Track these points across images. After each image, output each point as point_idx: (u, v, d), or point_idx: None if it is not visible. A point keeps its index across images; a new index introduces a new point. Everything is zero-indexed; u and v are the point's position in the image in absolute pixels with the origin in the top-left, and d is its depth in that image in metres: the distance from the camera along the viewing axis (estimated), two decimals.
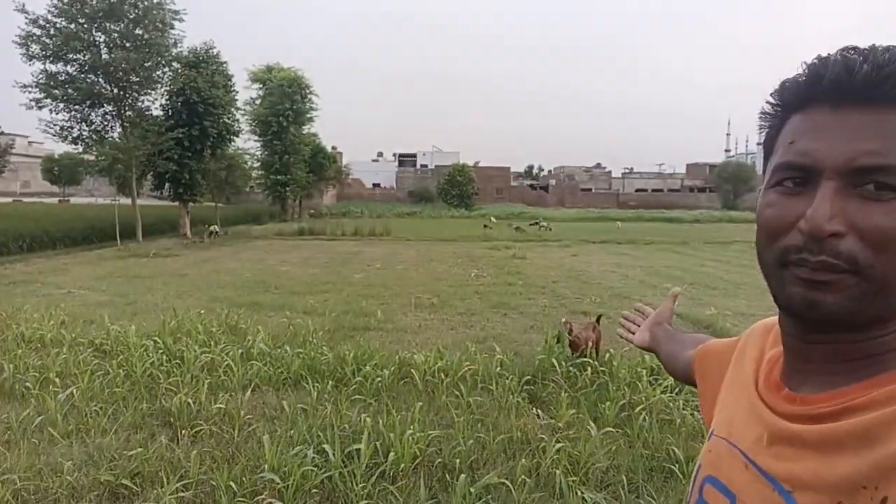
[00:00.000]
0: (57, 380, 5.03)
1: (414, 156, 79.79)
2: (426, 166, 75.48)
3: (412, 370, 5.40)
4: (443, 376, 5.22)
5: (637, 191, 73.90)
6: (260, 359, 5.65)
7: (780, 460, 0.67)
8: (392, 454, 3.65)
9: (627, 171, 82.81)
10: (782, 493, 0.65)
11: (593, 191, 72.73)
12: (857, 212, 0.60)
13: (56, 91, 20.21)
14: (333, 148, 55.98)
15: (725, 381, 0.85)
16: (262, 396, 4.99)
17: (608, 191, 73.17)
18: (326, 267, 15.21)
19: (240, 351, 5.77)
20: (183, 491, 3.30)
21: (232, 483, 3.31)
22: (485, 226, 31.24)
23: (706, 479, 0.77)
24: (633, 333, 1.35)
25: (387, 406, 4.58)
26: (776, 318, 0.75)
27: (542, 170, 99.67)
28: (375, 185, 72.73)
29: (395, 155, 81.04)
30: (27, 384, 5.00)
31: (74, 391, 4.71)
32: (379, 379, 5.14)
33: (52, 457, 3.82)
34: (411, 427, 3.96)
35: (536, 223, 32.95)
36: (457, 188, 58.02)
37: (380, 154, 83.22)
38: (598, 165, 79.80)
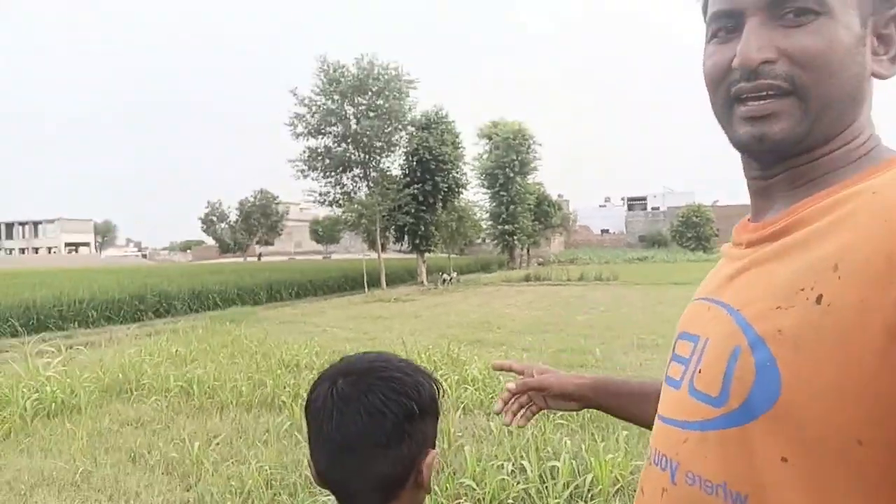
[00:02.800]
0: (304, 395, 5.82)
1: (644, 198, 77.28)
2: (657, 208, 72.52)
3: None
4: None
5: None
6: (473, 383, 5.93)
7: (738, 289, 0.68)
8: (590, 476, 3.59)
9: None
10: (732, 313, 0.66)
11: None
12: (783, 38, 0.64)
13: (316, 163, 23.71)
14: (559, 196, 56.71)
15: None
16: (472, 418, 5.24)
17: None
18: (549, 310, 15.34)
19: (456, 377, 6.12)
20: None
21: (436, 487, 3.54)
22: None
23: (678, 336, 0.79)
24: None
25: (591, 434, 4.51)
26: None
27: None
28: (604, 231, 71.71)
29: (623, 199, 79.29)
30: (283, 398, 5.86)
31: None
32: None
33: (296, 455, 4.44)
34: (615, 454, 3.86)
35: None
36: (693, 230, 54.30)
37: (607, 199, 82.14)
38: None
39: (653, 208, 73.84)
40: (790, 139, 0.66)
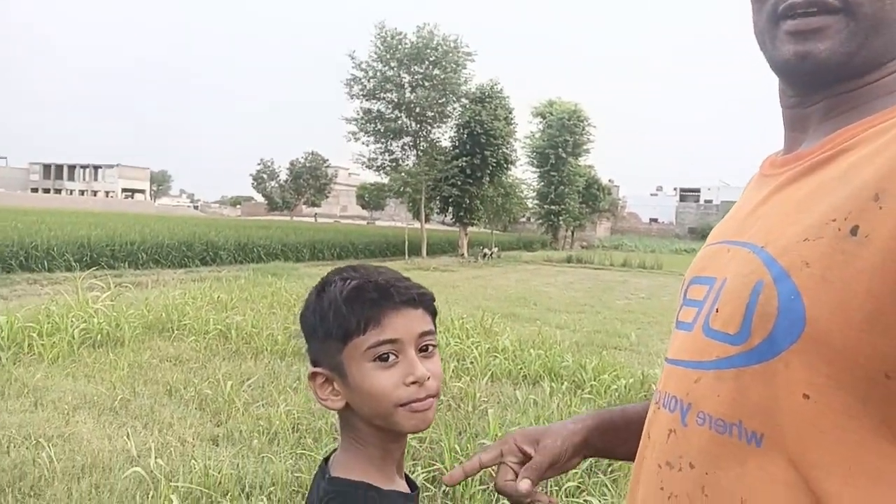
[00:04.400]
0: None
1: (697, 190, 75.34)
2: (710, 202, 70.62)
3: (653, 384, 5.16)
4: None
5: None
6: (503, 354, 5.94)
7: (761, 226, 0.65)
8: None
9: None
10: (755, 250, 0.63)
11: None
12: None
13: (369, 126, 23.79)
14: (610, 181, 55.69)
15: None
16: (500, 386, 5.25)
17: None
18: (588, 292, 15.19)
19: (486, 346, 6.14)
20: (416, 444, 3.67)
21: (457, 446, 3.57)
22: None
23: (689, 283, 0.75)
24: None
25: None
26: None
27: None
28: (652, 220, 70.28)
29: (675, 189, 77.43)
30: None
31: None
32: (615, 387, 5.04)
33: None
34: None
35: None
36: None
37: (659, 188, 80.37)
38: None
39: (706, 201, 71.95)
40: (835, 59, 0.62)
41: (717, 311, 0.66)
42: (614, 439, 0.91)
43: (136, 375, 5.16)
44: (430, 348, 0.82)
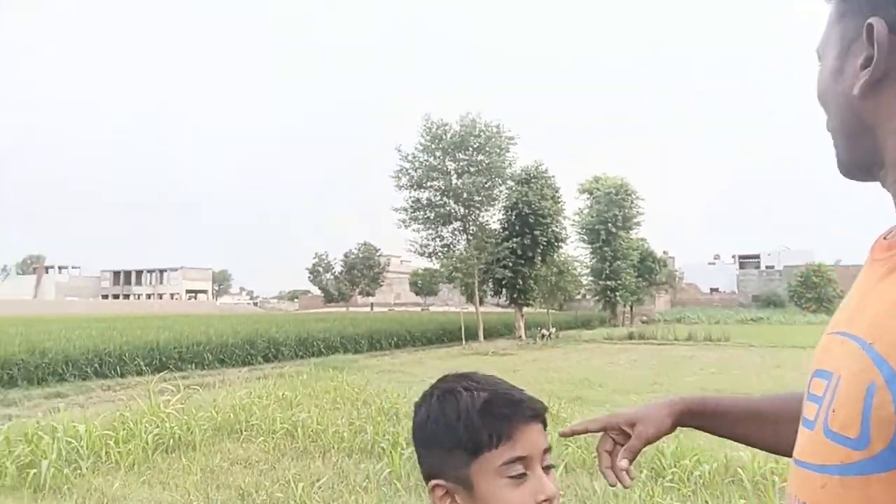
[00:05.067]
0: (404, 443, 5.85)
1: (757, 256, 73.02)
2: (772, 267, 68.24)
3: (739, 469, 4.87)
4: (776, 479, 4.58)
5: None
6: (574, 441, 5.72)
7: (870, 318, 0.62)
8: None
9: None
10: (863, 346, 0.60)
11: None
12: None
13: (418, 213, 24.38)
14: (664, 252, 54.75)
15: None
16: (575, 477, 5.04)
17: None
18: (654, 369, 14.66)
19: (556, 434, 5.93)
20: None
21: None
22: None
23: (812, 374, 0.72)
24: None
25: (706, 501, 4.21)
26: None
27: None
28: (713, 290, 68.14)
29: (734, 256, 75.33)
30: (382, 445, 5.91)
31: None
32: (698, 473, 4.76)
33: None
34: None
35: None
36: (813, 291, 50.22)
37: (716, 256, 78.31)
38: None
39: (767, 267, 69.57)
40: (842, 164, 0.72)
41: (833, 412, 0.63)
42: (704, 424, 1.02)
43: (208, 480, 5.18)
44: (550, 466, 0.82)
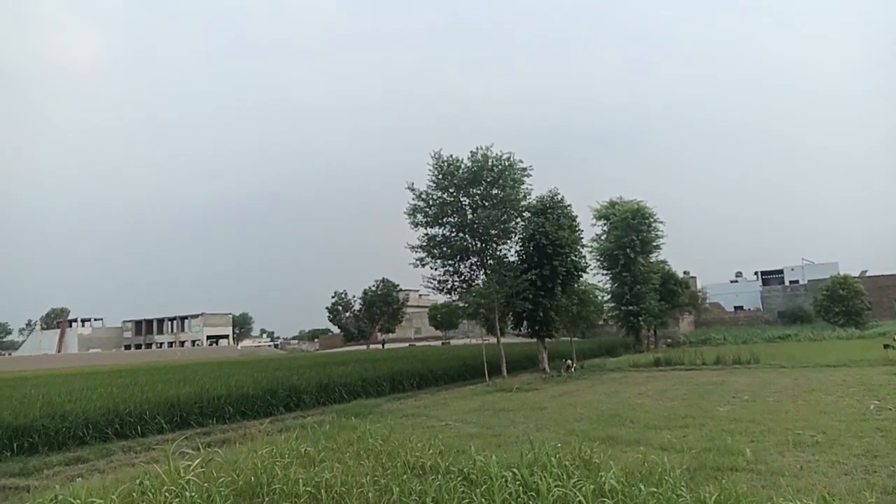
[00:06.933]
0: (431, 503, 5.59)
1: (780, 272, 71.90)
2: (796, 282, 67.10)
3: None
4: None
5: None
6: (611, 496, 5.42)
7: None
8: None
9: None
10: None
11: None
12: None
13: (435, 250, 24.19)
14: (685, 273, 54.05)
15: None
16: None
17: None
18: (685, 399, 14.21)
19: (591, 486, 5.64)
20: None
21: None
22: (885, 346, 25.52)
23: None
24: None
25: None
26: None
27: None
28: (737, 308, 67.02)
29: (756, 273, 74.21)
30: None
31: None
32: None
33: None
34: None
35: None
36: (840, 304, 48.92)
37: (738, 274, 77.17)
38: None
39: (791, 282, 68.38)
40: None
41: None
42: None
43: None
44: None
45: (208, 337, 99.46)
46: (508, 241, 25.46)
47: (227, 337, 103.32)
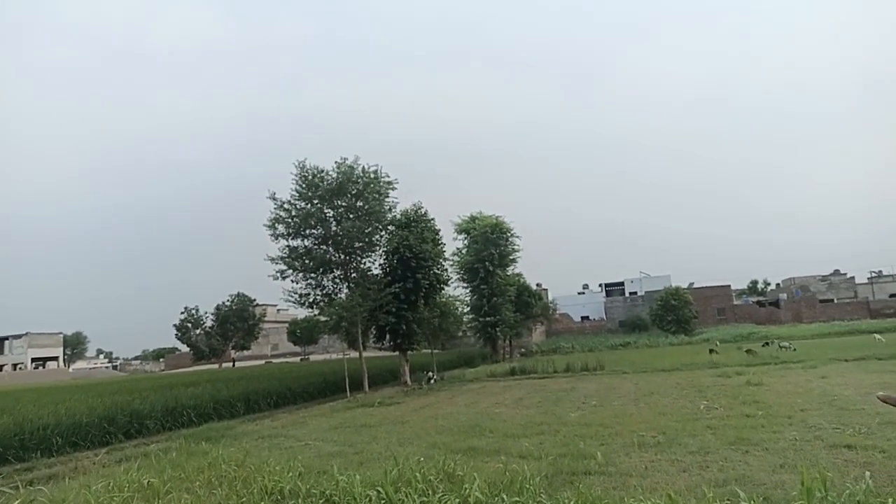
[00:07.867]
0: None
1: (621, 284, 77.91)
2: (635, 293, 73.04)
3: None
4: None
5: (892, 296, 63.79)
6: None
7: None
8: None
9: (875, 274, 72.20)
10: None
11: (835, 301, 64.18)
12: None
13: (296, 262, 23.40)
14: (538, 285, 56.89)
15: None
16: None
17: (854, 299, 64.04)
18: (539, 407, 14.81)
19: (456, 500, 5.63)
20: None
21: None
22: (710, 350, 28.46)
23: None
24: None
25: None
26: None
27: (769, 284, 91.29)
28: (584, 318, 71.57)
29: (601, 285, 79.85)
30: None
31: None
32: None
33: None
34: None
35: (767, 343, 29.87)
36: (672, 313, 54.05)
37: (585, 286, 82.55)
38: (837, 272, 70.41)
39: (630, 293, 74.33)
40: None
41: None
42: None
43: None
44: None
45: (33, 359, 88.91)
46: (372, 254, 25.30)
47: (56, 359, 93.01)
